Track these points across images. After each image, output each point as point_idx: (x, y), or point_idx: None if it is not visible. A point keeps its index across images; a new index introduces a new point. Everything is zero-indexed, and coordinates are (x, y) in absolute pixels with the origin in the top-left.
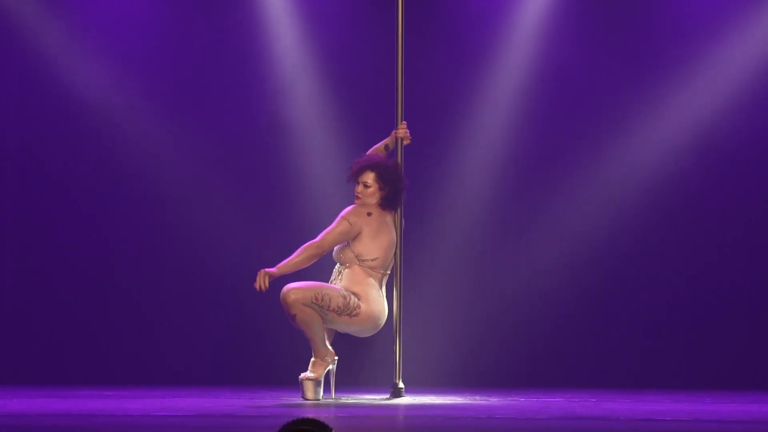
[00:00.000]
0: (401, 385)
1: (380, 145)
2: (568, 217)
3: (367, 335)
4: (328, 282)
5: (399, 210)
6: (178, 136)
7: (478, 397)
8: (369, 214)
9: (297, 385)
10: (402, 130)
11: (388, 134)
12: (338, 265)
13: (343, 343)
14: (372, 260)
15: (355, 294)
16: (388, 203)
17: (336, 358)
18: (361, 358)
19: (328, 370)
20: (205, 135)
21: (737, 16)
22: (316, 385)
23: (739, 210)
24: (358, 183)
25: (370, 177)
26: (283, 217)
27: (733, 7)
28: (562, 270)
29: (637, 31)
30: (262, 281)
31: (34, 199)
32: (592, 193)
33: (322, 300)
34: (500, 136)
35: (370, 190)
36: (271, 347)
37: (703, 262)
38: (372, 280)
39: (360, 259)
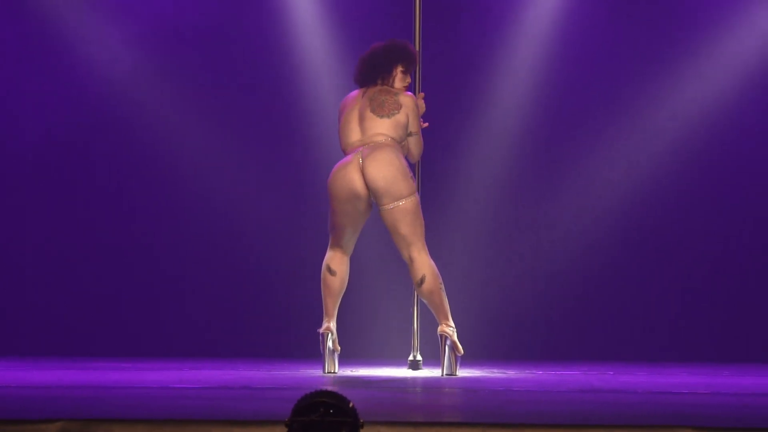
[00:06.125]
0: (419, 357)
1: None
2: (589, 190)
3: None
4: None
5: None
6: (205, 114)
7: (495, 370)
8: None
9: (315, 358)
10: (419, 101)
11: None
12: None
13: (360, 314)
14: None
15: None
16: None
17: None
18: (378, 330)
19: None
20: (232, 113)
21: (746, 10)
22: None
23: (762, 185)
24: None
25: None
26: (303, 194)
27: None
28: (580, 242)
29: (668, 16)
30: None
31: (59, 174)
32: (615, 168)
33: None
34: (521, 108)
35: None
36: (289, 319)
37: (722, 237)
38: None
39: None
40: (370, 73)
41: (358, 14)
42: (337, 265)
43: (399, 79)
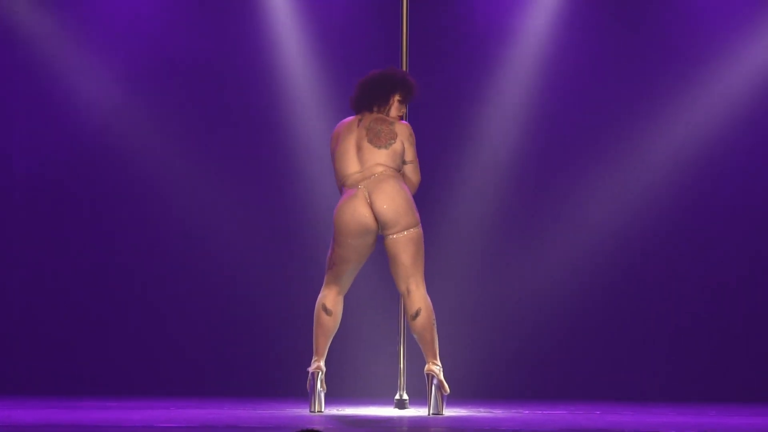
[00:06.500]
0: (405, 396)
1: None
2: (574, 227)
3: None
4: None
5: None
6: (186, 140)
7: (482, 410)
8: None
9: (301, 397)
10: None
11: None
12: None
13: (346, 353)
14: None
15: None
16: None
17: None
18: (365, 369)
19: (316, 381)
20: (213, 139)
21: (753, 15)
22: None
23: (757, 217)
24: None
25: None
26: (291, 232)
27: (748, 6)
28: (566, 281)
29: (654, 28)
30: None
31: (41, 206)
32: (597, 204)
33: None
34: (510, 134)
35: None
36: (275, 357)
37: (712, 274)
38: None
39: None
40: (367, 99)
41: (347, 44)
42: (332, 304)
43: (395, 108)
